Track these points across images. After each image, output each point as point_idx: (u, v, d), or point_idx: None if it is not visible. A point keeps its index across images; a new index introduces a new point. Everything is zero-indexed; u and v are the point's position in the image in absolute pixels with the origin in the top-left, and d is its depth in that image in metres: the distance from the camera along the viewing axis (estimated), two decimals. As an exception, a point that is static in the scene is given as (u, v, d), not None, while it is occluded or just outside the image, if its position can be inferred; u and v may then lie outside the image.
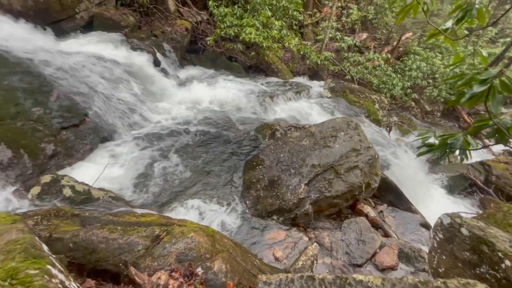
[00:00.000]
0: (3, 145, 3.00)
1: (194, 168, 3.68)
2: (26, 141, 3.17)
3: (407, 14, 1.54)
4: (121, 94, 4.54)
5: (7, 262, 0.76)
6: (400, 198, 3.99)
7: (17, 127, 3.17)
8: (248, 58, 7.23)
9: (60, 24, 5.22)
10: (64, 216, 1.84)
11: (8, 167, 2.96)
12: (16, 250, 0.83)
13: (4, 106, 3.16)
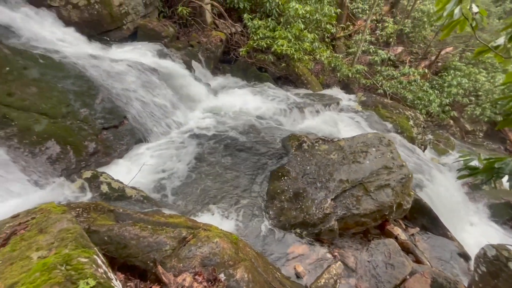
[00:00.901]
0: (54, 141, 3.32)
1: (219, 174, 3.75)
2: (73, 138, 3.48)
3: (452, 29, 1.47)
4: (157, 99, 4.81)
5: (61, 248, 0.84)
6: (434, 223, 3.71)
7: (66, 125, 3.49)
8: (278, 69, 7.32)
9: (109, 34, 5.73)
10: (101, 211, 1.97)
11: (56, 160, 3.25)
12: (68, 238, 0.91)
13: (58, 106, 3.50)
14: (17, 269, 0.74)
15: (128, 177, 3.37)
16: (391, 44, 10.75)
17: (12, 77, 3.36)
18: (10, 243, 0.93)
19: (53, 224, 1.01)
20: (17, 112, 3.19)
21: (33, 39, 4.02)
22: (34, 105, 3.36)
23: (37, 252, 0.82)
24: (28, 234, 0.97)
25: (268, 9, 7.16)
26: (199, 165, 3.86)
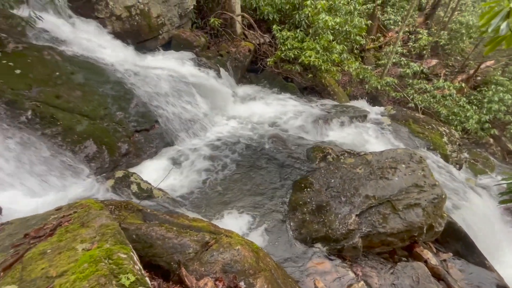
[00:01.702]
0: (92, 140, 3.57)
1: (242, 182, 3.79)
2: (108, 139, 3.72)
3: (498, 45, 1.39)
4: (186, 105, 5.01)
5: (102, 243, 0.91)
6: (470, 249, 3.42)
7: (103, 127, 3.76)
8: (305, 80, 7.32)
9: (146, 43, 6.11)
10: (131, 210, 2.07)
11: (92, 159, 3.49)
12: (108, 234, 0.98)
13: (97, 109, 3.78)
14: (65, 258, 0.81)
15: (155, 178, 3.51)
16: (424, 57, 10.31)
17: (61, 81, 3.69)
18: (57, 233, 1.02)
19: (93, 219, 1.09)
20: (62, 113, 3.49)
21: (81, 47, 4.40)
22: (77, 107, 3.65)
23: (81, 244, 0.90)
24: (72, 226, 1.06)
25: (297, 20, 7.24)
26: (223, 171, 3.93)
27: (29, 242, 1.00)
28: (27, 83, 3.41)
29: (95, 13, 5.26)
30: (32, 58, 3.61)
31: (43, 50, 3.77)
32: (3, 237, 1.17)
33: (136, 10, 5.66)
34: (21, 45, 3.62)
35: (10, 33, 3.76)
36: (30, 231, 1.09)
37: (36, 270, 0.76)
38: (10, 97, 3.21)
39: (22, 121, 3.22)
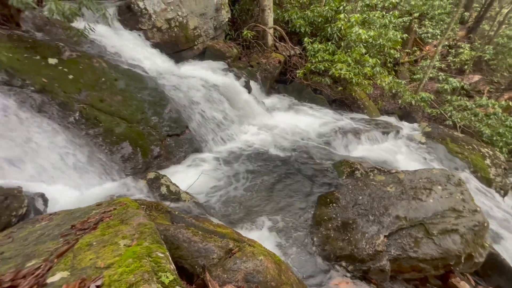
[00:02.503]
0: (128, 142, 3.82)
1: (267, 192, 3.78)
2: (143, 142, 3.95)
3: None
4: (216, 113, 5.18)
5: (141, 240, 0.97)
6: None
7: (139, 130, 4.00)
8: (334, 92, 7.22)
9: (182, 53, 6.47)
10: (161, 211, 2.16)
11: (127, 160, 3.72)
12: (146, 233, 1.04)
13: (135, 113, 4.05)
14: (109, 251, 0.88)
15: (182, 182, 3.65)
16: (465, 72, 9.69)
17: (105, 86, 4.03)
18: (99, 227, 1.10)
19: (132, 217, 1.17)
20: (104, 115, 3.79)
21: (125, 55, 4.78)
22: (118, 111, 3.94)
23: (123, 240, 0.96)
24: (112, 222, 1.14)
25: (329, 33, 7.23)
26: (248, 180, 3.96)
27: (75, 233, 1.10)
28: (77, 87, 3.76)
29: (139, 25, 5.70)
30: (83, 65, 3.99)
31: (93, 58, 4.15)
32: (52, 227, 1.29)
33: (176, 22, 6.05)
34: (75, 53, 4.02)
35: (67, 42, 4.20)
36: (76, 223, 1.20)
37: (86, 260, 0.83)
38: (62, 99, 3.56)
39: (70, 121, 3.54)
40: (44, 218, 1.55)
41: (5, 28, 3.62)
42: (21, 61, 3.48)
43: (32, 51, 3.66)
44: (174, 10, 5.94)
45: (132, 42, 5.38)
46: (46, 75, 3.58)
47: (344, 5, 7.17)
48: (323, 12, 7.35)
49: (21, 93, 3.36)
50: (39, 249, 0.97)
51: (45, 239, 1.09)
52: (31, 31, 4.06)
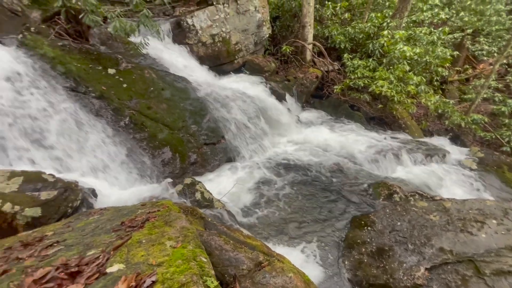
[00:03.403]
0: (168, 148, 4.07)
1: (297, 207, 3.72)
2: (181, 148, 4.18)
3: None
4: (250, 125, 5.29)
5: (186, 244, 1.04)
6: None
7: (179, 137, 4.25)
8: (373, 110, 6.95)
9: (222, 66, 6.81)
10: (196, 216, 2.25)
11: (166, 164, 3.96)
12: (189, 236, 1.11)
13: (177, 121, 4.32)
14: (157, 251, 0.95)
15: (215, 189, 3.76)
16: (528, 94, 8.67)
17: (153, 95, 4.38)
18: (146, 227, 1.20)
19: (175, 220, 1.25)
20: (150, 121, 4.11)
21: (172, 67, 5.18)
22: (162, 118, 4.25)
23: (169, 241, 1.04)
24: (157, 223, 1.23)
25: (370, 49, 7.06)
26: (278, 194, 3.94)
27: (125, 230, 1.20)
28: (129, 95, 4.15)
29: (186, 40, 6.16)
30: (136, 75, 4.40)
31: (145, 69, 4.57)
32: (104, 221, 1.43)
33: (219, 37, 6.42)
34: (130, 65, 4.47)
35: (124, 55, 4.69)
36: (125, 220, 1.31)
37: (138, 256, 0.91)
38: (116, 105, 3.95)
39: (120, 125, 3.90)
40: (96, 212, 1.72)
41: (77, 42, 4.18)
42: (86, 70, 3.96)
43: (96, 62, 4.15)
44: (219, 27, 6.32)
45: (179, 55, 5.81)
46: (105, 83, 4.02)
47: (388, 21, 6.98)
48: (365, 28, 7.23)
49: (84, 98, 3.81)
50: (96, 240, 1.08)
51: (99, 231, 1.21)
52: (96, 45, 4.62)
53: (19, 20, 4.40)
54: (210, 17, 6.14)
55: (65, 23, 4.15)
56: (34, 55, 3.66)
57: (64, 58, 3.86)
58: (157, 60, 5.32)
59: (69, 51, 3.99)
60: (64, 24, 4.14)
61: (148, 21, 4.08)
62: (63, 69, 3.76)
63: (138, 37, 4.70)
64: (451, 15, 10.00)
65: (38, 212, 2.10)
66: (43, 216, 2.14)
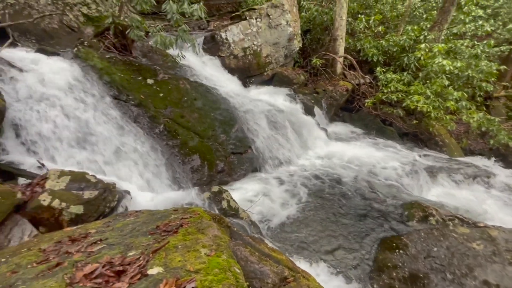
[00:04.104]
0: (198, 155, 4.22)
1: (322, 223, 3.61)
2: (210, 156, 4.31)
3: None
4: (277, 136, 5.31)
5: (219, 253, 1.07)
6: None
7: (208, 145, 4.39)
8: (407, 125, 6.62)
9: (252, 78, 6.98)
10: (222, 224, 2.28)
11: (195, 171, 4.10)
12: (222, 246, 1.14)
13: (207, 130, 4.48)
14: (193, 257, 0.99)
15: (241, 199, 3.79)
16: None
17: (186, 104, 4.60)
18: (180, 232, 1.25)
19: (207, 228, 1.29)
20: (182, 129, 4.30)
21: (205, 78, 5.41)
22: (193, 126, 4.43)
23: (203, 249, 1.08)
24: (191, 230, 1.28)
25: (405, 63, 6.81)
26: (304, 207, 3.87)
27: (160, 234, 1.27)
28: (165, 104, 4.41)
29: (219, 53, 6.43)
30: (172, 85, 4.67)
31: (180, 80, 4.83)
32: (140, 223, 1.52)
33: (250, 50, 6.62)
34: (167, 76, 4.76)
35: (162, 66, 5.02)
36: (160, 224, 1.39)
37: (175, 261, 0.96)
38: (152, 113, 4.20)
39: (155, 132, 4.14)
40: (132, 214, 1.83)
41: (122, 54, 4.56)
42: (128, 80, 4.29)
43: (137, 73, 4.48)
44: (251, 40, 6.52)
45: (212, 67, 6.07)
46: (144, 93, 4.31)
47: (425, 34, 6.71)
48: (399, 41, 7.01)
49: (124, 106, 4.11)
50: (135, 242, 1.15)
51: (137, 233, 1.29)
52: (138, 57, 5.00)
53: (75, 35, 4.94)
54: (242, 31, 6.38)
55: (113, 38, 4.57)
56: (86, 66, 4.06)
57: (110, 69, 4.23)
58: (191, 71, 5.61)
59: (115, 62, 4.36)
60: (112, 39, 4.56)
61: (186, 35, 4.35)
62: (108, 78, 4.11)
63: (175, 50, 5.00)
64: (497, 27, 9.34)
65: (81, 210, 2.27)
66: (85, 214, 2.32)
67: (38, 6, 4.78)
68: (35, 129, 3.23)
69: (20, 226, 2.03)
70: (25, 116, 3.20)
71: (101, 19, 5.16)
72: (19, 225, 2.03)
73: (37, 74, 3.63)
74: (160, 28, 4.42)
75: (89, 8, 5.21)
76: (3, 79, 3.28)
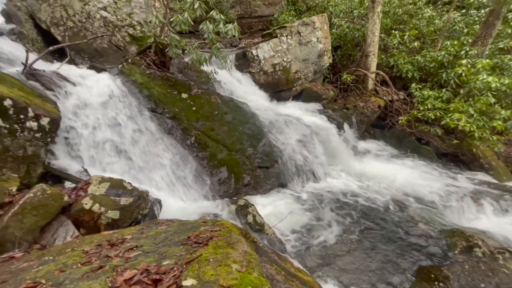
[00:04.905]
0: (225, 167, 4.29)
1: (351, 246, 3.43)
2: (237, 169, 4.36)
3: None
4: (305, 152, 5.24)
5: (250, 269, 1.07)
6: None
7: (236, 158, 4.46)
8: (446, 145, 6.17)
9: (281, 93, 7.05)
10: (248, 239, 2.27)
11: (222, 183, 4.17)
12: (253, 262, 1.15)
13: (235, 143, 4.57)
14: (225, 272, 1.01)
15: (266, 214, 3.74)
16: None
17: (217, 118, 4.76)
18: (210, 245, 1.28)
19: (236, 243, 1.30)
20: (212, 142, 4.44)
21: (235, 93, 5.59)
22: (222, 139, 4.55)
23: (234, 264, 1.09)
24: (221, 243, 1.30)
25: (443, 79, 6.45)
26: (331, 228, 3.72)
27: (192, 245, 1.30)
28: (197, 117, 4.60)
29: (249, 69, 6.63)
30: (204, 100, 4.89)
31: (212, 94, 5.04)
32: (172, 233, 1.57)
33: (280, 66, 6.74)
34: (200, 90, 5.00)
35: (196, 81, 5.29)
36: (191, 235, 1.42)
37: (208, 274, 0.98)
38: (185, 125, 4.41)
39: (187, 144, 4.31)
40: (164, 223, 1.90)
41: (160, 70, 4.90)
42: (165, 94, 4.58)
43: (173, 87, 4.77)
44: (281, 56, 6.66)
45: (242, 82, 6.27)
46: (178, 106, 4.55)
47: (466, 49, 6.34)
48: (437, 57, 6.69)
49: (160, 118, 4.37)
50: (169, 251, 1.20)
51: (169, 243, 1.34)
52: (175, 73, 5.34)
53: (121, 54, 5.44)
54: (273, 48, 6.55)
55: (154, 55, 4.95)
56: (128, 81, 4.42)
57: (149, 84, 4.55)
58: (223, 86, 5.83)
59: (154, 78, 4.70)
60: (153, 56, 4.94)
61: (220, 53, 4.58)
62: (147, 92, 4.42)
63: (209, 66, 5.27)
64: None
65: (117, 215, 2.41)
66: (120, 219, 2.45)
67: (92, 28, 5.37)
68: (80, 137, 3.55)
69: (64, 226, 2.20)
70: (73, 125, 3.54)
71: (144, 38, 5.63)
72: (63, 225, 2.20)
73: (86, 87, 4.02)
74: (196, 46, 4.71)
75: (135, 29, 5.73)
76: (59, 92, 3.69)
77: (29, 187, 2.52)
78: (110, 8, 5.47)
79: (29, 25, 5.14)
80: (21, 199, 2.05)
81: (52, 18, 5.22)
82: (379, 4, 6.73)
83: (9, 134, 2.47)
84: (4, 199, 2.12)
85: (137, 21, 5.79)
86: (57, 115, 3.01)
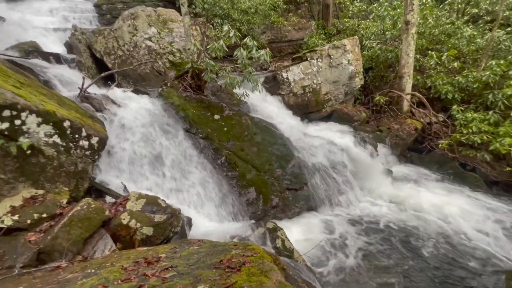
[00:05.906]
0: (254, 188, 4.30)
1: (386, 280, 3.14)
2: (265, 190, 4.34)
3: None
4: (336, 175, 5.07)
5: None
6: None
7: (264, 179, 4.46)
8: (496, 172, 5.57)
9: (310, 114, 7.03)
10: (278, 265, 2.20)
11: (250, 204, 4.16)
12: None
13: (264, 164, 4.59)
14: None
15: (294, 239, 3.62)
16: None
17: (247, 138, 4.86)
18: (243, 271, 1.27)
19: (269, 271, 1.28)
20: (241, 162, 4.50)
21: (265, 115, 5.70)
22: (251, 160, 4.60)
23: None
24: (253, 270, 1.29)
25: (489, 101, 5.98)
26: (364, 257, 3.47)
27: (225, 270, 1.31)
28: (228, 137, 4.74)
29: (279, 91, 6.76)
30: (235, 121, 5.04)
31: (242, 116, 5.19)
32: (204, 254, 1.59)
33: (310, 88, 6.78)
34: (232, 112, 5.18)
35: (228, 103, 5.51)
36: (223, 259, 1.43)
37: (244, 303, 0.97)
38: (216, 145, 4.55)
39: (217, 163, 4.43)
40: (195, 243, 1.93)
41: (195, 93, 5.21)
42: (199, 116, 4.82)
43: (207, 109, 5.01)
44: (310, 79, 6.72)
45: (272, 104, 6.39)
46: (211, 127, 4.74)
47: (515, 69, 5.88)
48: (481, 77, 6.27)
49: (193, 138, 4.57)
50: (203, 275, 1.21)
51: (202, 265, 1.35)
52: (209, 95, 5.63)
53: (161, 78, 5.92)
54: (303, 71, 6.65)
55: (190, 79, 5.30)
56: (167, 103, 4.74)
57: (185, 105, 4.84)
58: (253, 108, 5.99)
59: (189, 100, 4.99)
60: (189, 80, 5.28)
61: (252, 76, 4.76)
62: (183, 114, 4.69)
63: (241, 89, 5.48)
64: None
65: (151, 232, 2.51)
66: (153, 235, 2.54)
67: (138, 56, 5.96)
68: (121, 154, 3.83)
69: (104, 239, 2.34)
70: (115, 143, 3.85)
71: (182, 64, 6.09)
72: (103, 238, 2.34)
73: (129, 109, 4.39)
74: (229, 70, 4.96)
75: (174, 56, 6.24)
76: (107, 113, 4.08)
77: (76, 200, 2.75)
78: (155, 38, 6.05)
79: (86, 54, 5.87)
80: (70, 212, 2.24)
81: (105, 48, 5.91)
82: (413, 25, 6.60)
83: (65, 152, 2.75)
84: (56, 210, 2.33)
85: (177, 48, 6.30)
86: (105, 134, 3.31)
